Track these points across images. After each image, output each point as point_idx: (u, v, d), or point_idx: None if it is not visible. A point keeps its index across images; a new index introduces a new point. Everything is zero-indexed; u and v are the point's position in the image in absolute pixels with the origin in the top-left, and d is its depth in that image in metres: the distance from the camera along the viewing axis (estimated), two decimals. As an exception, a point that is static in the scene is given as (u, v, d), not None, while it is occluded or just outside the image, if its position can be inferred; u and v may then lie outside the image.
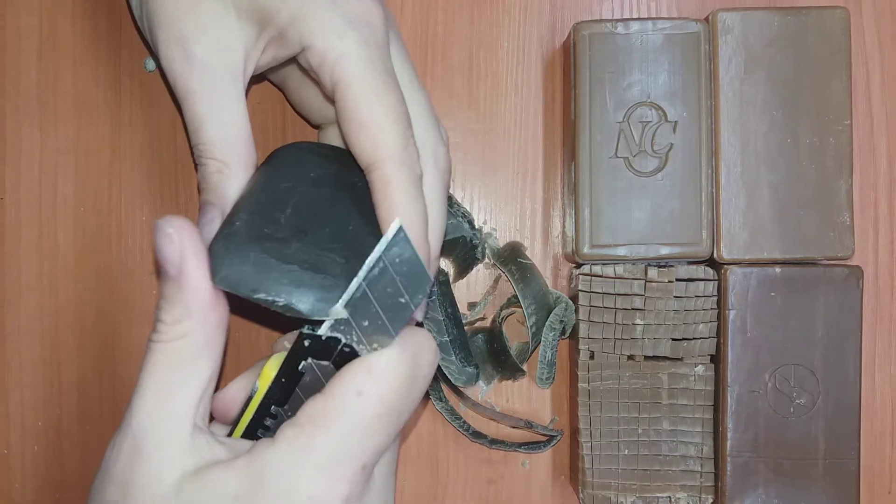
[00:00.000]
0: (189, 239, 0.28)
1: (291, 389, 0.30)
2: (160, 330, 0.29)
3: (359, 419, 0.28)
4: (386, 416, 0.28)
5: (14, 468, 0.42)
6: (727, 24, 0.39)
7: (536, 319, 0.40)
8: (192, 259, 0.28)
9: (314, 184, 0.33)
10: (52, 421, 0.42)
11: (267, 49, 0.33)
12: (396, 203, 0.31)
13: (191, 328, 0.28)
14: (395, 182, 0.31)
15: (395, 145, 0.31)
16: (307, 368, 0.30)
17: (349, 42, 0.32)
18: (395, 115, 0.32)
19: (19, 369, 0.42)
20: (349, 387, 0.28)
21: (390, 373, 0.28)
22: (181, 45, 0.33)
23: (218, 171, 0.33)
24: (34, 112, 0.42)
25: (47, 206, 0.42)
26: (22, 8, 0.42)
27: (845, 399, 0.38)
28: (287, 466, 0.27)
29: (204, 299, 0.29)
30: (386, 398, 0.28)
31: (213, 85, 0.33)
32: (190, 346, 0.29)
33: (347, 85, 0.31)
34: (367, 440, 0.28)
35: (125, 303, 0.42)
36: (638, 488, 0.39)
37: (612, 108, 0.38)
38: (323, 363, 0.30)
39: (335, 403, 0.28)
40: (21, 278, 0.42)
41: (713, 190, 0.39)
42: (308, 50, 0.32)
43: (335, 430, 0.28)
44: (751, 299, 0.38)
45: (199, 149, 0.33)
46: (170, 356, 0.29)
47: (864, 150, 0.43)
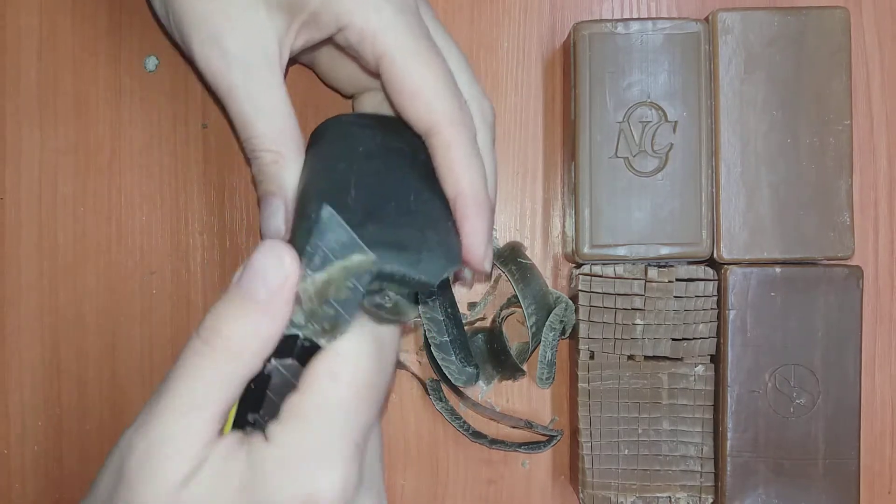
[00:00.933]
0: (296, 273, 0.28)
1: (263, 393, 0.30)
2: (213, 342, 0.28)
3: (339, 403, 0.28)
4: (363, 391, 0.28)
5: (14, 468, 0.42)
6: (727, 23, 0.39)
7: (536, 319, 0.40)
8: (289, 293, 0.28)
9: (366, 158, 0.33)
10: (51, 421, 0.42)
11: (300, 34, 0.34)
12: (460, 165, 0.33)
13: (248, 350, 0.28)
14: (456, 144, 0.33)
15: (451, 108, 0.33)
16: (272, 370, 0.29)
17: (386, 14, 0.32)
18: (444, 79, 0.33)
19: (19, 369, 0.42)
20: (322, 374, 0.28)
21: (356, 352, 0.29)
22: (216, 43, 0.33)
23: (274, 161, 0.33)
24: (34, 112, 0.42)
25: (47, 206, 0.42)
26: (22, 8, 0.42)
27: (845, 399, 0.38)
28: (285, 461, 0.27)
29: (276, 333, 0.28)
30: (358, 377, 0.28)
31: (254, 77, 0.33)
32: (238, 366, 0.28)
33: (392, 56, 0.32)
34: (351, 419, 0.28)
35: (125, 303, 0.42)
36: (638, 488, 0.39)
37: (612, 108, 0.38)
38: (287, 361, 0.29)
39: (312, 394, 0.28)
40: (21, 278, 0.42)
41: (713, 190, 0.39)
42: (346, 29, 0.33)
43: (320, 417, 0.28)
44: (751, 299, 0.38)
45: (253, 142, 0.34)
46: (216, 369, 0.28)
47: (864, 150, 0.43)
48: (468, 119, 0.34)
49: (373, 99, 0.39)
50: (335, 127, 0.36)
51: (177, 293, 0.42)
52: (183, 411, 0.27)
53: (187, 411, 0.27)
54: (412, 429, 0.43)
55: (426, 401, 0.43)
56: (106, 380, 0.42)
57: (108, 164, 0.42)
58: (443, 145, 0.33)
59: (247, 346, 0.28)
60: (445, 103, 0.33)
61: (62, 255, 0.42)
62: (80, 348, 0.42)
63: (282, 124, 0.34)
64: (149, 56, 0.42)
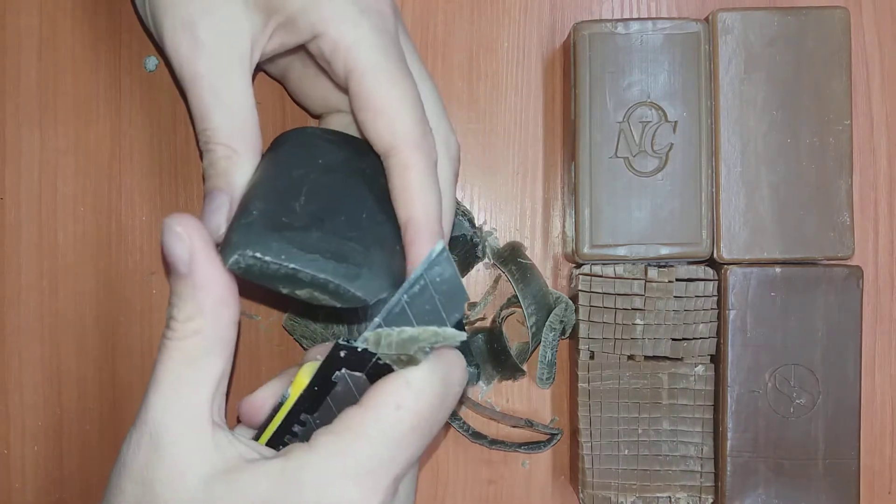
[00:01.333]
0: (198, 236, 0.28)
1: (322, 398, 0.31)
2: (173, 327, 0.29)
3: (395, 431, 0.28)
4: (419, 429, 0.29)
5: (14, 468, 0.42)
6: (727, 24, 0.38)
7: (536, 319, 0.40)
8: (203, 256, 0.28)
9: (324, 170, 0.33)
10: (51, 421, 0.42)
11: (274, 36, 0.33)
12: (415, 188, 0.32)
13: (203, 325, 0.29)
14: (414, 167, 0.32)
15: (413, 131, 0.32)
16: (340, 379, 0.30)
17: (363, 30, 0.32)
18: (411, 102, 0.32)
19: (19, 369, 0.42)
20: (388, 399, 0.29)
21: (426, 388, 0.29)
22: (188, 30, 0.32)
23: (226, 156, 0.33)
24: (34, 112, 0.42)
25: (47, 206, 0.42)
26: (22, 8, 0.42)
27: (845, 399, 0.38)
28: (322, 472, 0.28)
29: (216, 296, 0.29)
30: (421, 412, 0.29)
31: (221, 69, 0.33)
32: (202, 342, 0.29)
33: (362, 72, 0.32)
34: (400, 452, 0.29)
35: (125, 303, 0.42)
36: (638, 488, 0.39)
37: (612, 108, 0.38)
38: (356, 374, 0.30)
39: (373, 414, 0.28)
40: (21, 278, 0.42)
41: (713, 190, 0.39)
42: (320, 37, 0.32)
43: (372, 440, 0.28)
44: (751, 299, 0.38)
45: (207, 134, 0.33)
46: (183, 353, 0.29)
47: (864, 150, 0.43)
48: (430, 146, 0.33)
49: (341, 120, 0.38)
50: (298, 136, 0.35)
51: (177, 293, 0.42)
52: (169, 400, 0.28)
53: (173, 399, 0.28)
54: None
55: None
56: (106, 380, 0.42)
57: (109, 163, 0.42)
58: (400, 166, 0.32)
59: (198, 322, 0.29)
60: (408, 125, 0.32)
61: (62, 255, 0.42)
62: (80, 348, 0.42)
63: (241, 121, 0.33)
64: (149, 56, 0.42)
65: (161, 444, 0.28)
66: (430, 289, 0.29)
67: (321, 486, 0.27)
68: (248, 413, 0.33)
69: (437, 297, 0.29)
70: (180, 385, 0.29)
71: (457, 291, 0.29)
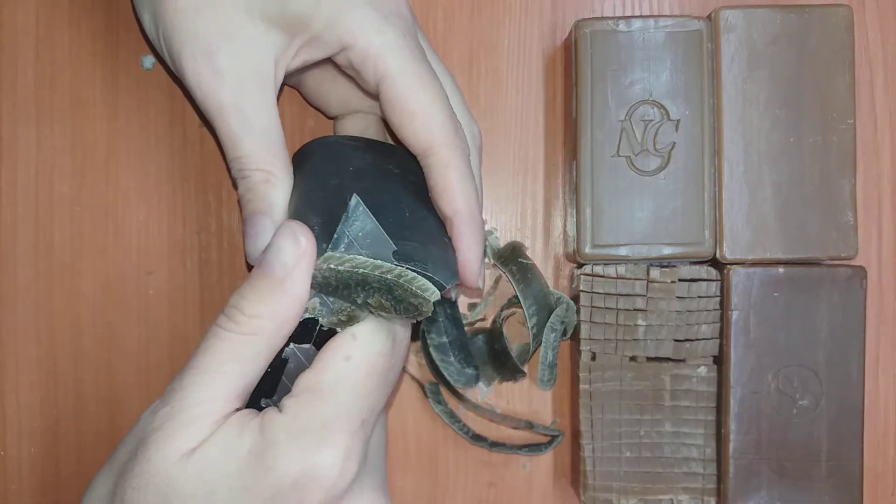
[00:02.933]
0: (311, 255, 0.29)
1: (278, 378, 0.31)
2: (236, 319, 0.29)
3: (350, 381, 0.29)
4: (374, 375, 0.30)
5: (11, 470, 0.42)
6: (730, 21, 0.38)
7: (538, 320, 0.40)
8: (305, 271, 0.29)
9: (356, 176, 0.34)
10: (48, 422, 0.42)
11: (299, 54, 0.34)
12: (456, 184, 0.34)
13: (267, 329, 0.29)
14: (453, 165, 0.34)
15: (448, 130, 0.34)
16: (290, 354, 0.31)
17: (389, 36, 0.33)
18: (442, 102, 0.34)
19: (15, 370, 0.42)
20: (337, 354, 0.30)
21: (372, 338, 0.30)
22: (208, 59, 0.33)
23: (265, 180, 0.33)
24: (30, 111, 0.42)
25: (43, 206, 0.42)
26: (18, 6, 0.42)
27: (849, 400, 0.38)
28: (295, 431, 0.28)
29: (296, 311, 0.29)
30: (371, 360, 0.30)
31: (246, 96, 0.33)
32: (257, 344, 0.29)
33: (393, 77, 0.33)
34: (360, 399, 0.29)
35: (122, 303, 0.42)
36: (640, 490, 0.39)
37: (614, 106, 0.38)
38: (304, 346, 0.31)
39: (327, 371, 0.29)
40: (17, 278, 0.42)
41: (716, 189, 0.38)
42: (349, 49, 0.33)
43: (331, 393, 0.29)
44: (754, 300, 0.38)
45: (242, 161, 0.33)
46: (235, 346, 0.29)
47: (867, 149, 0.42)
48: (463, 141, 0.34)
49: (359, 121, 0.39)
50: (322, 147, 0.36)
51: (174, 293, 0.42)
52: (202, 384, 0.29)
53: (206, 385, 0.29)
54: (411, 431, 0.43)
55: (426, 403, 0.42)
56: (103, 380, 0.42)
57: (105, 163, 0.42)
58: (440, 165, 0.34)
59: (265, 323, 0.29)
60: (443, 125, 0.33)
61: (58, 255, 0.42)
62: (76, 349, 0.42)
63: (272, 144, 0.33)
64: (145, 55, 0.42)
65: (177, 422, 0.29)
66: (356, 245, 0.29)
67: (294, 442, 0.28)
68: None
69: (363, 252, 0.29)
70: (218, 376, 0.29)
71: (381, 243, 0.29)
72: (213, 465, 0.28)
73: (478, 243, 0.34)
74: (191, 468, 0.28)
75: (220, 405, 0.29)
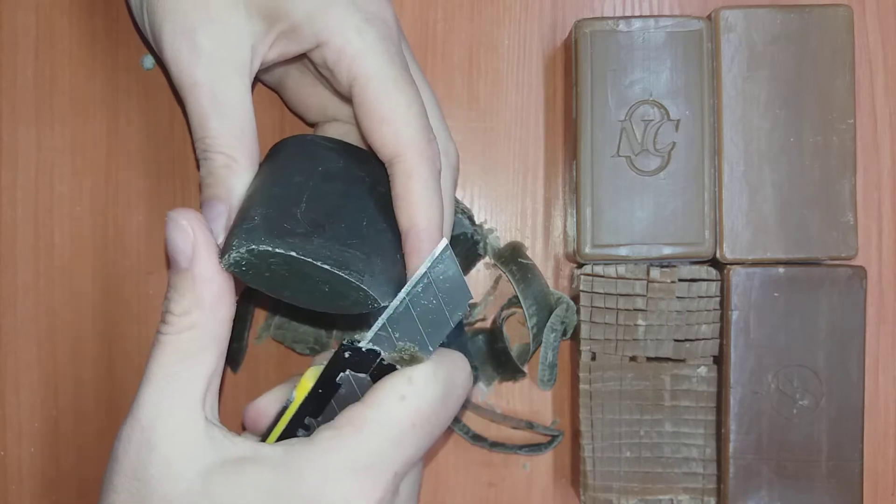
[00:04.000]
0: (201, 231, 0.29)
1: (327, 401, 0.31)
2: (168, 321, 0.29)
3: (395, 426, 0.28)
4: (420, 427, 0.29)
5: (10, 470, 0.42)
6: (730, 21, 0.38)
7: (538, 320, 0.40)
8: (205, 251, 0.29)
9: (324, 177, 0.33)
10: (48, 422, 0.42)
11: (276, 44, 0.33)
12: (418, 196, 0.32)
13: (199, 320, 0.29)
14: (418, 175, 0.32)
15: (419, 139, 0.32)
16: (344, 380, 0.30)
17: (368, 38, 0.32)
18: (416, 109, 0.32)
19: (15, 370, 0.42)
20: (391, 393, 0.29)
21: (429, 385, 0.29)
22: (188, 37, 0.32)
23: (225, 165, 0.32)
24: (30, 111, 0.42)
25: (43, 206, 0.42)
26: (19, 6, 0.42)
27: (849, 400, 0.38)
28: (321, 465, 0.28)
29: (214, 291, 0.29)
30: (422, 409, 0.29)
31: (220, 77, 0.32)
32: (197, 338, 0.29)
33: (367, 80, 0.32)
34: (401, 448, 0.29)
35: (122, 303, 0.42)
36: (640, 490, 0.39)
37: (614, 106, 0.38)
38: (360, 376, 0.30)
39: (374, 409, 0.29)
40: (17, 278, 0.42)
41: (716, 189, 0.38)
42: (324, 46, 0.32)
43: (372, 434, 0.28)
44: (754, 300, 0.38)
45: (206, 142, 0.33)
46: (177, 347, 0.29)
47: (867, 149, 0.42)
48: (434, 153, 0.33)
49: (338, 129, 0.38)
50: (297, 143, 0.35)
51: (174, 293, 0.42)
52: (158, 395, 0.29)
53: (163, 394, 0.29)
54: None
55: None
56: (102, 381, 0.42)
57: (105, 163, 0.42)
58: (404, 173, 0.32)
59: (194, 316, 0.29)
60: (414, 133, 0.32)
61: (58, 256, 0.42)
62: (76, 349, 0.42)
63: (240, 129, 0.33)
64: (146, 55, 0.42)
65: (154, 439, 0.28)
66: (434, 287, 0.29)
67: (319, 479, 0.27)
68: (252, 419, 0.33)
69: (440, 296, 0.29)
70: (173, 380, 0.29)
71: (460, 290, 0.29)
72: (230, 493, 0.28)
73: None
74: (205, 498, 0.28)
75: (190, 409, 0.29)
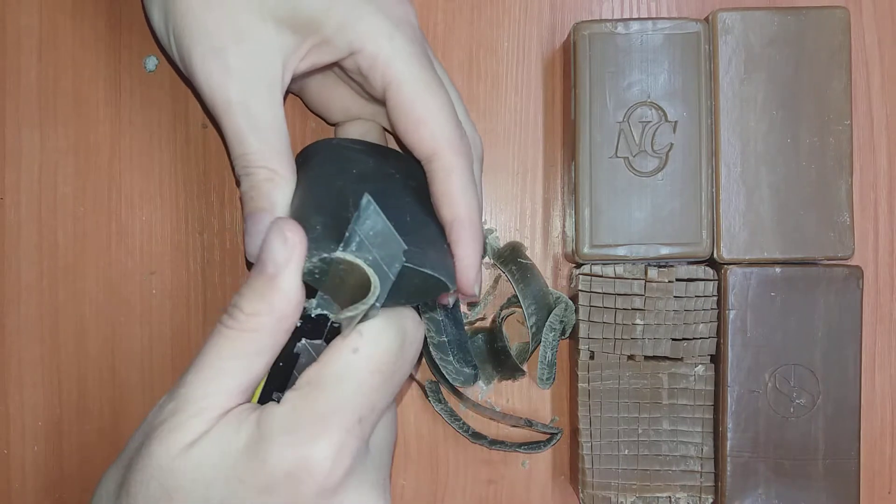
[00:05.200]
0: (301, 250, 0.29)
1: (290, 373, 0.31)
2: (236, 317, 0.29)
3: (352, 376, 0.29)
4: (378, 373, 0.30)
5: (14, 468, 0.42)
6: (727, 24, 0.38)
7: (536, 320, 0.40)
8: (296, 267, 0.29)
9: (359, 179, 0.34)
10: (51, 421, 0.42)
11: (308, 56, 0.34)
12: (458, 190, 0.34)
13: (266, 325, 0.29)
14: (457, 171, 0.34)
15: (453, 136, 0.34)
16: (302, 349, 0.31)
17: (398, 43, 0.33)
18: (448, 110, 0.34)
19: (19, 369, 0.42)
20: (342, 348, 0.29)
21: (381, 334, 0.30)
22: (218, 57, 0.33)
23: (268, 178, 0.34)
24: (34, 112, 0.42)
25: (47, 206, 0.42)
26: (22, 8, 0.42)
27: (845, 399, 0.38)
28: (290, 423, 0.28)
29: (290, 306, 0.29)
30: (377, 356, 0.30)
31: (254, 95, 0.33)
32: (258, 340, 0.29)
33: (400, 84, 0.33)
34: (361, 395, 0.29)
35: (125, 303, 0.42)
36: (638, 488, 0.39)
37: (613, 108, 0.38)
38: (316, 342, 0.31)
39: (330, 365, 0.29)
40: (21, 278, 0.42)
41: (713, 190, 0.39)
42: (358, 54, 0.33)
43: (332, 386, 0.29)
44: (751, 299, 0.38)
45: (247, 158, 0.34)
46: (236, 343, 0.29)
47: (864, 150, 0.43)
48: (467, 148, 0.35)
49: (359, 127, 0.39)
50: (327, 149, 0.36)
51: (177, 293, 0.42)
52: (205, 380, 0.29)
53: (210, 379, 0.29)
54: (412, 429, 0.43)
55: (426, 401, 0.43)
56: (106, 380, 0.42)
57: (108, 164, 0.42)
58: (443, 170, 0.34)
59: (265, 319, 0.29)
60: (449, 132, 0.34)
61: (62, 256, 0.42)
62: (79, 348, 0.42)
63: (277, 142, 0.34)
64: (149, 56, 0.42)
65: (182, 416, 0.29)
66: (366, 243, 0.29)
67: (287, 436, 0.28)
68: None
69: (374, 251, 0.29)
70: (221, 373, 0.29)
71: (392, 241, 0.29)
72: (211, 457, 0.28)
73: (476, 251, 0.34)
74: (189, 461, 0.28)
75: (223, 400, 0.29)
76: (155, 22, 0.36)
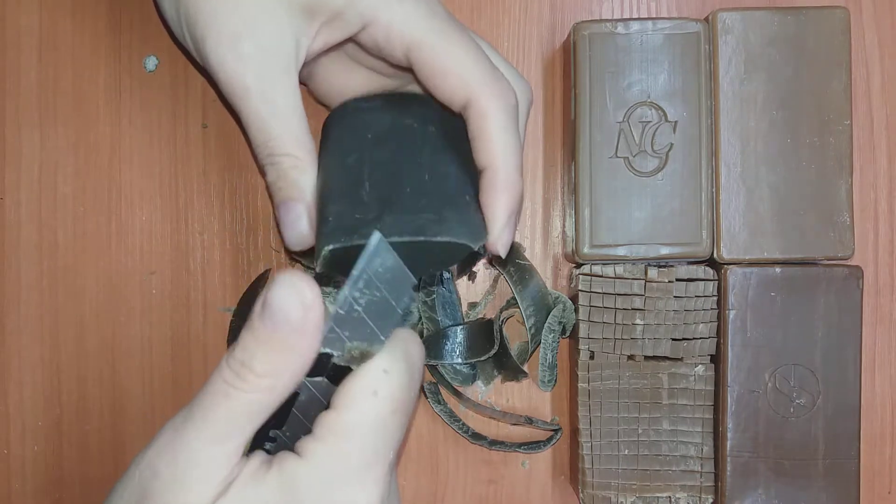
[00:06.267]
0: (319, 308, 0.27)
1: (288, 410, 0.30)
2: (245, 378, 0.27)
3: (378, 421, 0.28)
4: (398, 412, 0.29)
5: (14, 468, 0.42)
6: (727, 23, 0.38)
7: (535, 321, 0.40)
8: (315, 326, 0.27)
9: (375, 144, 0.33)
10: (51, 421, 0.42)
11: (319, 36, 0.33)
12: (493, 135, 0.32)
13: (276, 386, 0.27)
14: (491, 114, 0.32)
15: (485, 78, 0.32)
16: (302, 387, 0.30)
17: (408, 6, 0.32)
18: (475, 53, 0.32)
19: (19, 369, 0.42)
20: (362, 391, 0.28)
21: (393, 370, 0.29)
22: (233, 44, 0.32)
23: (293, 165, 0.33)
24: (34, 112, 0.42)
25: (47, 206, 0.42)
26: (22, 7, 0.42)
27: (845, 399, 0.38)
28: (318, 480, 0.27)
29: (307, 364, 0.28)
30: (395, 395, 0.28)
31: (271, 80, 0.33)
32: (267, 401, 0.27)
33: (421, 42, 0.32)
34: (388, 438, 0.28)
35: (125, 303, 0.42)
36: (638, 488, 0.39)
37: (612, 108, 0.38)
38: (316, 380, 0.30)
39: (352, 412, 0.28)
40: (21, 278, 0.42)
41: (713, 190, 0.39)
42: (371, 25, 0.32)
43: (359, 436, 0.28)
44: (751, 299, 0.38)
45: (270, 146, 0.33)
46: (243, 406, 0.27)
47: (864, 150, 0.43)
48: (506, 90, 0.33)
49: None
50: (341, 117, 0.35)
51: (176, 293, 0.42)
52: (212, 440, 0.27)
53: (217, 441, 0.27)
54: (412, 430, 0.43)
55: (425, 402, 0.43)
56: (106, 379, 0.42)
57: (108, 163, 0.42)
58: (477, 115, 0.32)
59: (278, 381, 0.27)
60: (479, 74, 0.32)
61: (62, 255, 0.42)
62: (79, 348, 0.42)
63: (298, 127, 0.33)
64: (149, 56, 0.42)
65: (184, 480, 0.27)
66: (375, 281, 0.28)
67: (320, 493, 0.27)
68: None
69: (383, 287, 0.28)
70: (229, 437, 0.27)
71: (402, 277, 0.29)
72: None
73: (506, 203, 0.32)
74: None
75: (230, 459, 0.27)
76: (166, 11, 0.35)
